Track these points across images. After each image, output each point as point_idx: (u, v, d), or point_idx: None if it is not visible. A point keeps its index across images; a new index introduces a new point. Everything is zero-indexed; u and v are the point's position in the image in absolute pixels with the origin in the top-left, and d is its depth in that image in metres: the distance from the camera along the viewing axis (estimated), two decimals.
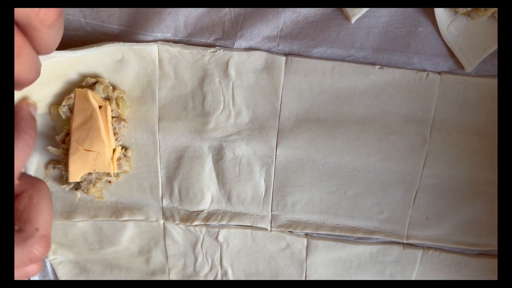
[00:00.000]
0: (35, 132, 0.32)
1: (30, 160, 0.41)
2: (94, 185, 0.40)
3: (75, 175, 0.38)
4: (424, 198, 0.41)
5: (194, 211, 0.43)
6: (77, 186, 0.41)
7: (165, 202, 0.42)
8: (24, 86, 0.30)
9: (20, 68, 0.27)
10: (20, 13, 0.26)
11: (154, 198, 0.42)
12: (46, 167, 0.41)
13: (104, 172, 0.40)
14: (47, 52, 0.29)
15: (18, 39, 0.26)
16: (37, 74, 0.30)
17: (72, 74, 0.38)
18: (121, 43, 0.37)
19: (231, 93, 0.39)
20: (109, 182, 0.41)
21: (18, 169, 0.30)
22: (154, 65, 0.38)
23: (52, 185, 0.42)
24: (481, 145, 0.39)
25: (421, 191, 0.40)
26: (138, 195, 0.42)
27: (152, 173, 0.42)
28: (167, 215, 0.43)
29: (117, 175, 0.41)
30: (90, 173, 0.40)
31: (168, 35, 0.38)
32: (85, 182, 0.40)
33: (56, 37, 0.29)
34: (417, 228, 0.42)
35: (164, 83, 0.39)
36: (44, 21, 0.27)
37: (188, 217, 0.43)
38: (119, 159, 0.40)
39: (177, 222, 0.43)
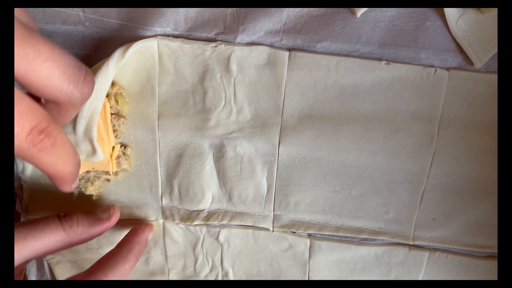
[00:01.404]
0: (140, 256, 0.38)
1: None
2: (92, 183, 0.39)
3: None
4: (431, 198, 0.39)
5: (194, 210, 0.42)
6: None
7: (165, 201, 0.41)
8: (63, 181, 0.28)
9: (56, 159, 0.25)
10: (64, 90, 0.24)
11: (153, 196, 0.41)
12: None
13: (103, 171, 0.39)
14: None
15: (53, 127, 0.24)
16: (74, 165, 0.27)
17: None
18: (124, 48, 0.35)
19: (232, 89, 0.38)
20: (108, 180, 0.40)
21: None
22: (154, 61, 0.37)
23: (50, 183, 0.41)
24: (491, 144, 0.38)
25: (428, 191, 0.39)
26: (137, 193, 0.41)
27: (151, 171, 0.41)
28: (166, 214, 0.42)
29: (116, 173, 0.40)
30: (88, 171, 0.39)
31: (168, 30, 0.37)
32: (83, 180, 0.39)
33: None
34: (423, 229, 0.41)
35: (164, 79, 0.38)
36: (85, 97, 0.26)
37: (188, 217, 0.42)
38: (118, 157, 0.39)
39: (177, 221, 0.42)
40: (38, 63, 0.23)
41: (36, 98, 0.25)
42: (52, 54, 0.23)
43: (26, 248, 0.31)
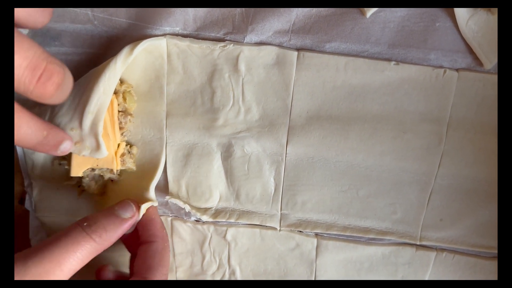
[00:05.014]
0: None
1: (37, 155, 0.40)
2: (96, 182, 0.39)
3: (77, 170, 0.38)
4: (439, 199, 0.39)
5: (201, 208, 0.42)
6: (80, 182, 0.40)
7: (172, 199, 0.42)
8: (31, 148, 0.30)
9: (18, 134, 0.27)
10: (20, 90, 0.25)
11: (160, 195, 0.41)
12: (52, 163, 0.41)
13: (107, 169, 0.39)
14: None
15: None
16: (36, 137, 0.29)
17: None
18: (132, 45, 0.35)
19: (241, 89, 0.38)
20: (111, 180, 0.40)
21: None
22: (163, 60, 0.37)
23: (58, 181, 0.41)
24: None
25: (436, 192, 0.39)
26: (143, 192, 0.41)
27: (158, 169, 0.41)
28: (173, 210, 0.42)
29: (120, 173, 0.40)
30: (93, 169, 0.39)
31: (177, 29, 0.37)
32: (87, 179, 0.39)
33: (67, 91, 0.28)
34: (431, 229, 0.41)
35: (173, 78, 0.38)
36: (46, 96, 0.26)
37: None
38: (122, 155, 0.39)
39: (185, 218, 0.42)
40: None
41: None
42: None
43: (64, 275, 0.30)
